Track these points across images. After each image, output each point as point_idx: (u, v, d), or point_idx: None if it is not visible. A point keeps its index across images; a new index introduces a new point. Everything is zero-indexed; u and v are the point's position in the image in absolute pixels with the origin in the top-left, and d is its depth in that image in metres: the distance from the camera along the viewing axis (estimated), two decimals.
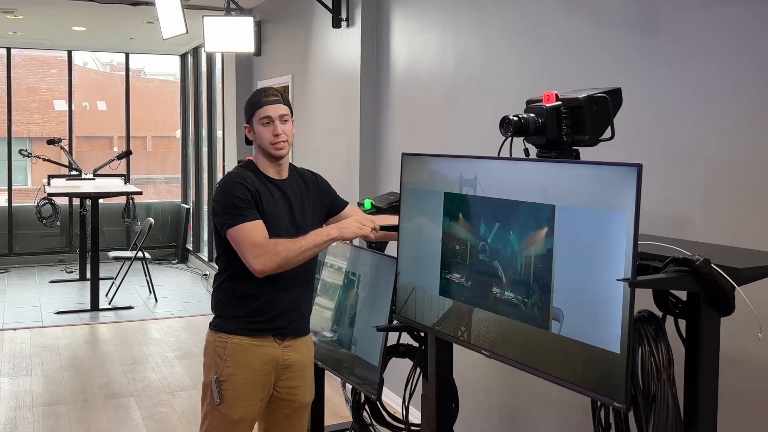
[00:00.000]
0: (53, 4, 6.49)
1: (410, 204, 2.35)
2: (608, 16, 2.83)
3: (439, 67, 3.94)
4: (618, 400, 1.61)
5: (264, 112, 2.50)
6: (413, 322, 2.36)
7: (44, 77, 15.09)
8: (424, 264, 2.27)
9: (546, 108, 1.96)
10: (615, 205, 1.59)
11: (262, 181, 2.50)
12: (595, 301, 1.63)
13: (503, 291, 1.91)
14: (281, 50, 6.19)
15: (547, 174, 1.79)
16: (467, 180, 2.07)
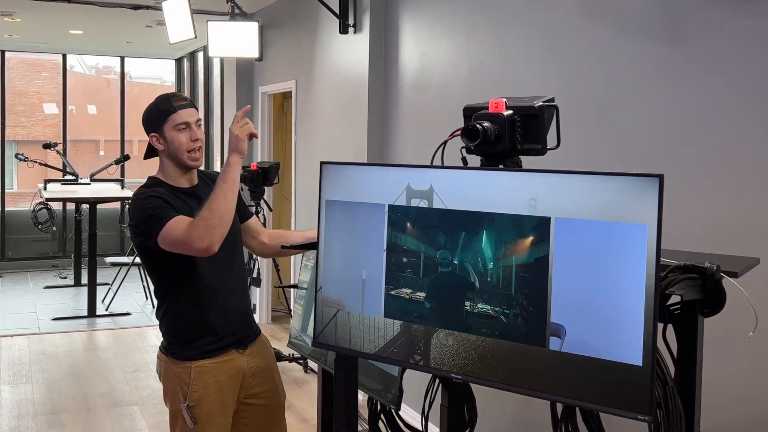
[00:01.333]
0: (52, 7, 6.43)
1: (335, 220, 2.04)
2: (629, 25, 2.83)
3: (452, 75, 3.92)
4: (642, 413, 1.58)
5: (180, 118, 2.34)
6: (344, 349, 2.06)
7: (33, 80, 14.99)
8: (361, 284, 2.00)
9: (504, 116, 1.91)
10: (631, 216, 1.57)
11: (175, 195, 2.37)
12: (609, 314, 1.60)
13: (482, 308, 1.78)
14: (284, 55, 6.16)
15: (539, 185, 1.71)
16: (419, 191, 1.90)
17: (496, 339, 1.75)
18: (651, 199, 1.54)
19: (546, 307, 1.66)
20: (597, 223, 1.61)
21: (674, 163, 2.62)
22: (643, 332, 1.55)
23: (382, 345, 1.97)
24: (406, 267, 1.91)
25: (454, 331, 1.82)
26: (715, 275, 1.65)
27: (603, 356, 1.61)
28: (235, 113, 7.10)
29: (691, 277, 1.68)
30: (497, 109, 1.91)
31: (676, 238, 2.37)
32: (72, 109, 13.78)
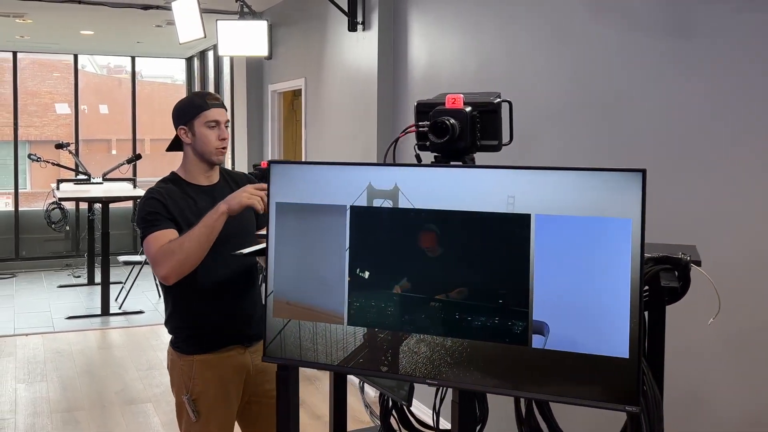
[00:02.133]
0: (63, 8, 6.47)
1: (287, 223, 1.90)
2: (637, 19, 2.83)
3: (460, 71, 3.93)
4: (630, 404, 1.59)
5: (212, 115, 2.42)
6: (300, 362, 1.91)
7: (45, 80, 15.10)
8: (319, 292, 1.87)
9: (467, 112, 1.88)
10: (615, 210, 1.58)
11: (184, 191, 2.42)
12: (594, 309, 1.60)
13: (458, 310, 1.71)
14: (294, 54, 6.18)
15: (517, 182, 1.68)
16: (382, 191, 1.80)
17: (474, 341, 1.70)
18: (635, 193, 1.56)
19: (528, 305, 1.64)
20: (579, 218, 1.60)
21: (683, 157, 2.62)
22: (629, 325, 1.56)
23: (344, 356, 1.84)
24: (373, 271, 1.80)
25: (428, 335, 1.74)
26: (688, 265, 1.71)
27: (589, 351, 1.60)
28: (245, 111, 7.13)
29: (665, 268, 1.72)
30: (455, 104, 1.88)
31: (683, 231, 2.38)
32: (84, 109, 13.88)
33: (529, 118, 3.42)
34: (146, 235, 2.31)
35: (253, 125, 7.02)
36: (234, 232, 2.35)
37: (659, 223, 2.71)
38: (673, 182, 2.66)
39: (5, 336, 6.31)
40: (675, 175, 2.65)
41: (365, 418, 4.21)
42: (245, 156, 7.04)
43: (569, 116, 3.17)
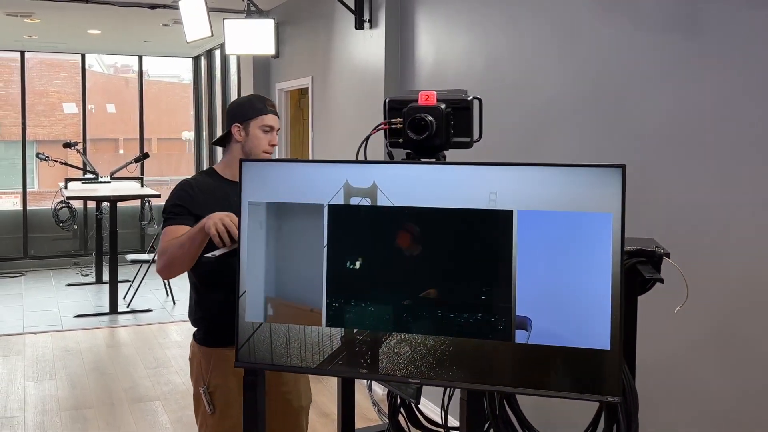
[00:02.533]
0: (71, 8, 6.49)
1: (260, 222, 1.86)
2: (645, 15, 2.82)
3: (467, 70, 3.92)
4: (612, 394, 1.62)
5: (269, 120, 2.50)
6: (277, 366, 1.86)
7: (53, 80, 15.15)
8: (296, 293, 1.82)
9: (442, 109, 1.87)
10: (596, 205, 1.60)
11: (219, 184, 2.47)
12: (576, 302, 1.62)
13: (441, 308, 1.70)
14: (300, 52, 6.18)
15: (499, 179, 1.68)
16: (360, 189, 1.77)
17: (458, 338, 1.69)
18: (615, 188, 1.59)
19: (511, 300, 1.65)
20: (561, 213, 1.62)
21: (691, 155, 2.61)
22: (610, 317, 1.58)
23: (321, 358, 1.80)
24: (353, 270, 1.76)
25: (409, 334, 1.72)
26: (662, 258, 1.76)
27: (571, 344, 1.62)
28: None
29: (641, 261, 1.76)
30: (429, 101, 1.87)
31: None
32: (91, 108, 13.93)
33: (536, 116, 3.42)
34: (164, 227, 2.40)
35: None
36: None
37: (664, 220, 2.71)
38: (681, 180, 2.65)
39: (14, 334, 6.33)
40: (683, 172, 2.64)
41: (374, 416, 4.22)
42: None
43: (576, 114, 3.16)
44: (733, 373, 2.46)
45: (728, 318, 2.48)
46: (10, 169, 12.67)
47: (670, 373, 2.67)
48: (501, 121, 3.68)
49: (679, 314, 1.86)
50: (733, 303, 2.46)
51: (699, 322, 2.53)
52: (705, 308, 2.53)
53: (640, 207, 2.82)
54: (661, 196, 2.73)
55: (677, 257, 2.60)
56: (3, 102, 13.58)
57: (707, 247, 2.55)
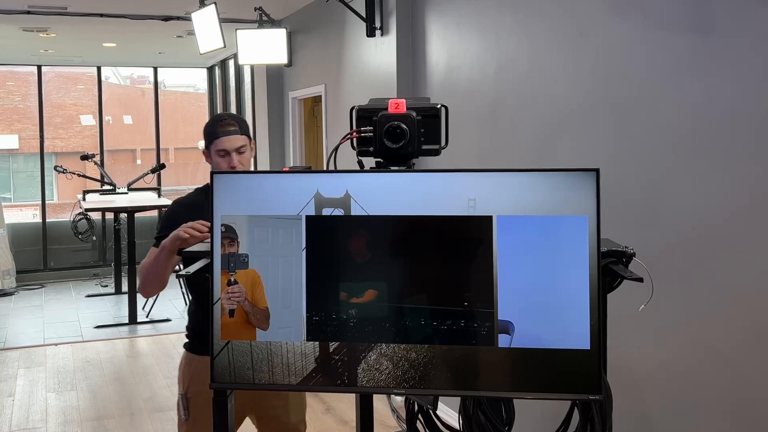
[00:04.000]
0: (86, 22, 6.58)
1: (236, 236, 1.81)
2: (657, 16, 2.81)
3: (480, 75, 3.93)
4: (593, 393, 1.65)
5: (221, 144, 2.42)
6: (257, 384, 1.78)
7: (70, 92, 15.30)
8: (274, 308, 1.77)
9: (414, 117, 1.87)
10: (572, 208, 1.63)
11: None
12: (556, 304, 1.64)
13: (423, 316, 1.69)
14: (313, 60, 6.21)
15: (477, 185, 1.67)
16: (332, 199, 1.73)
17: (440, 346, 1.69)
18: (590, 191, 1.62)
19: (493, 306, 1.66)
20: (539, 218, 1.64)
21: (706, 155, 2.60)
22: (589, 317, 1.62)
23: (304, 373, 1.74)
24: (331, 282, 1.72)
25: (392, 344, 1.70)
26: (631, 257, 1.81)
27: (553, 345, 1.65)
28: (266, 119, 7.17)
29: (612, 261, 1.80)
30: (399, 109, 1.88)
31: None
32: (108, 120, 14.06)
33: (548, 119, 3.41)
34: (153, 245, 2.40)
35: (274, 132, 7.06)
36: None
37: (680, 220, 2.69)
38: (694, 180, 2.63)
39: (35, 346, 6.40)
40: (696, 173, 2.62)
41: (392, 422, 4.22)
42: (267, 162, 7.08)
43: (589, 116, 3.15)
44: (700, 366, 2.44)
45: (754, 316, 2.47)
46: (30, 182, 12.81)
47: (634, 368, 2.66)
48: (514, 124, 3.67)
49: (639, 311, 1.92)
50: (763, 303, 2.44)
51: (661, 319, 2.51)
52: (727, 313, 2.51)
53: (654, 207, 2.80)
54: (674, 196, 2.72)
55: (698, 258, 2.59)
56: (21, 115, 13.74)
57: (726, 247, 2.53)
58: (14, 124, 14.57)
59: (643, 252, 2.82)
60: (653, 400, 2.79)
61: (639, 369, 2.85)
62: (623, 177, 2.95)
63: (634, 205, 2.90)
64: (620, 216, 2.95)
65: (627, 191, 2.93)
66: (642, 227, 2.85)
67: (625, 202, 2.93)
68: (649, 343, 2.79)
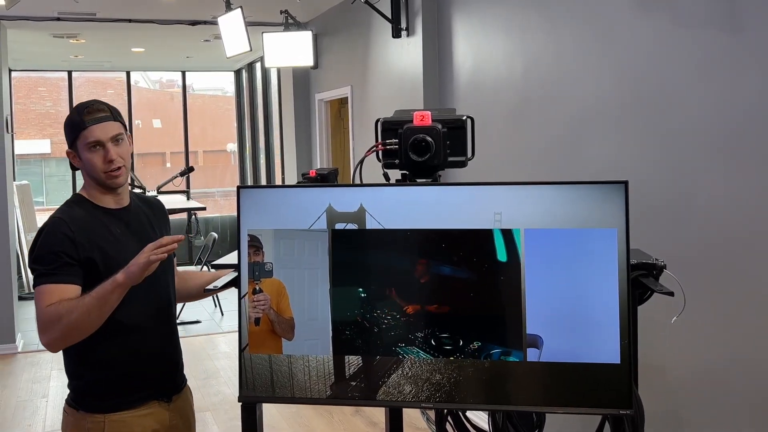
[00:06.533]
0: (114, 28, 6.67)
1: (264, 250, 1.80)
2: (684, 14, 2.77)
3: (506, 75, 3.90)
4: (624, 407, 1.63)
5: (90, 135, 1.95)
6: (279, 398, 1.79)
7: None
8: (301, 322, 1.76)
9: (439, 129, 1.86)
10: (600, 221, 1.61)
11: (95, 216, 2.00)
12: (585, 318, 1.63)
13: (450, 331, 1.69)
14: (339, 62, 6.23)
15: (502, 199, 1.67)
16: (345, 213, 1.73)
17: (469, 360, 1.68)
18: (618, 204, 1.60)
19: (521, 320, 1.65)
20: (567, 231, 1.62)
21: (734, 156, 2.56)
22: (619, 331, 1.60)
23: (331, 387, 1.74)
24: (358, 296, 1.72)
25: (419, 358, 1.70)
26: (662, 270, 1.80)
27: (582, 360, 1.63)
28: (292, 121, 7.20)
29: (642, 273, 1.79)
30: (424, 122, 1.87)
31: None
32: (138, 124, 14.22)
33: (575, 119, 3.38)
34: (39, 284, 1.89)
35: (301, 134, 7.09)
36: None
37: (707, 221, 2.65)
38: (722, 179, 2.59)
39: None
40: (725, 172, 2.58)
41: (422, 424, 4.21)
42: (294, 165, 7.12)
43: (615, 115, 3.12)
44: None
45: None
46: (62, 186, 13.00)
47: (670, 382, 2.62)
48: (540, 124, 3.65)
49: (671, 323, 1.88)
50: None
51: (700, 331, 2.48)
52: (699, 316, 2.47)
53: (682, 207, 2.76)
54: (702, 195, 2.68)
55: (729, 260, 2.55)
56: (53, 120, 13.96)
57: (758, 250, 2.49)
58: (46, 129, 14.81)
59: (672, 253, 2.79)
60: (686, 408, 2.75)
61: (672, 374, 2.82)
62: (651, 177, 2.91)
63: (661, 205, 2.86)
64: (647, 216, 2.92)
65: (655, 192, 2.90)
66: (670, 227, 2.82)
67: (653, 202, 2.90)
68: (682, 349, 2.75)
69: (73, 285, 1.90)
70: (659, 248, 2.83)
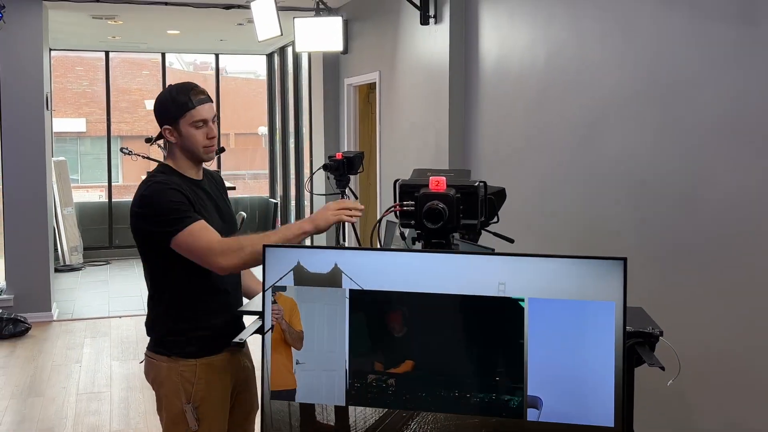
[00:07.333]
0: (151, 10, 6.84)
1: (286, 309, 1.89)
2: (704, 6, 2.84)
3: (530, 63, 4.00)
4: None
5: (198, 114, 2.26)
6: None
7: (135, 78, 15.79)
8: (318, 374, 1.88)
9: (452, 196, 1.95)
10: (600, 294, 1.70)
11: (188, 185, 2.29)
12: (582, 383, 1.72)
13: (458, 390, 1.79)
14: (368, 48, 6.35)
15: (507, 269, 1.77)
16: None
17: (471, 417, 1.78)
18: (617, 279, 1.69)
19: (523, 381, 1.74)
20: (569, 302, 1.72)
21: (752, 147, 2.64)
22: (614, 396, 1.70)
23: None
24: (373, 352, 1.83)
25: (427, 413, 1.80)
26: (657, 338, 1.90)
27: (579, 422, 1.73)
28: (321, 105, 7.33)
29: (639, 342, 1.90)
30: (439, 187, 1.96)
31: None
32: None
33: (596, 108, 3.47)
34: (183, 227, 2.16)
35: (329, 118, 7.23)
36: (228, 221, 2.40)
37: (720, 215, 2.74)
38: (738, 171, 2.67)
39: (101, 318, 6.76)
40: (741, 163, 2.66)
41: None
42: (322, 148, 7.27)
43: (635, 106, 3.20)
44: None
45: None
46: (97, 164, 13.30)
47: None
48: (561, 112, 3.74)
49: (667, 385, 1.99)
50: None
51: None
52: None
53: (697, 197, 2.85)
54: (717, 186, 2.76)
55: (741, 246, 2.62)
56: (89, 99, 14.27)
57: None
58: (82, 108, 15.15)
59: (684, 242, 2.88)
60: (693, 392, 2.84)
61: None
62: (668, 166, 3.00)
63: (678, 195, 2.94)
64: (663, 205, 3.01)
65: (672, 181, 2.98)
66: (686, 217, 2.90)
67: (670, 191, 2.98)
68: (690, 343, 2.84)
69: (204, 221, 2.19)
70: (674, 238, 2.92)
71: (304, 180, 8.77)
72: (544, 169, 3.86)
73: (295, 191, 9.26)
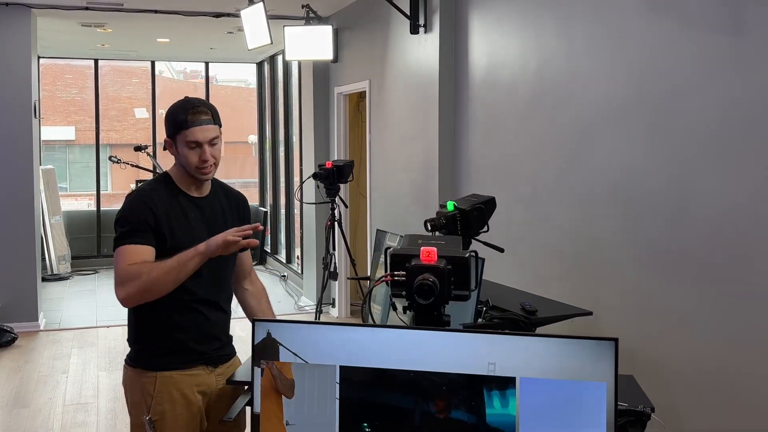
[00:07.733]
0: (141, 18, 6.83)
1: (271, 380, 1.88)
2: (693, 17, 2.85)
3: (520, 72, 4.01)
4: None
5: (192, 135, 2.20)
6: None
7: (125, 86, 15.76)
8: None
9: (443, 268, 1.95)
10: (591, 375, 1.71)
11: (176, 198, 2.26)
12: None
13: None
14: (358, 57, 6.35)
15: (497, 348, 1.78)
16: (347, 355, 1.81)
17: None
18: (608, 360, 1.69)
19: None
20: (560, 382, 1.72)
21: (739, 157, 2.64)
22: None
23: None
24: (360, 426, 1.82)
25: None
26: (649, 417, 1.96)
27: None
28: (311, 113, 7.32)
29: (630, 420, 1.97)
30: (430, 258, 1.97)
31: None
32: (161, 113, 14.41)
33: (586, 116, 3.48)
34: (121, 244, 2.16)
35: (319, 126, 7.22)
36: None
37: (710, 222, 2.74)
38: (727, 178, 2.68)
39: (88, 327, 6.70)
40: (730, 171, 2.67)
41: None
42: (312, 156, 7.25)
43: (625, 114, 3.21)
44: None
45: None
46: (85, 172, 13.24)
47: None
48: (552, 120, 3.75)
49: None
50: None
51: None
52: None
53: (687, 205, 2.85)
54: (707, 194, 2.77)
55: (729, 256, 2.63)
56: (78, 108, 14.23)
57: (762, 249, 2.58)
58: (71, 116, 15.10)
59: (674, 250, 2.88)
60: (684, 404, 2.84)
61: (670, 369, 2.91)
62: (660, 175, 3.00)
63: (669, 203, 2.95)
64: (653, 213, 3.01)
65: (663, 189, 2.98)
66: (677, 225, 2.91)
67: (661, 200, 2.99)
68: (683, 346, 2.84)
69: (149, 247, 2.16)
70: (667, 246, 2.92)
71: (294, 188, 8.75)
72: (534, 177, 3.86)
73: (285, 200, 9.24)
